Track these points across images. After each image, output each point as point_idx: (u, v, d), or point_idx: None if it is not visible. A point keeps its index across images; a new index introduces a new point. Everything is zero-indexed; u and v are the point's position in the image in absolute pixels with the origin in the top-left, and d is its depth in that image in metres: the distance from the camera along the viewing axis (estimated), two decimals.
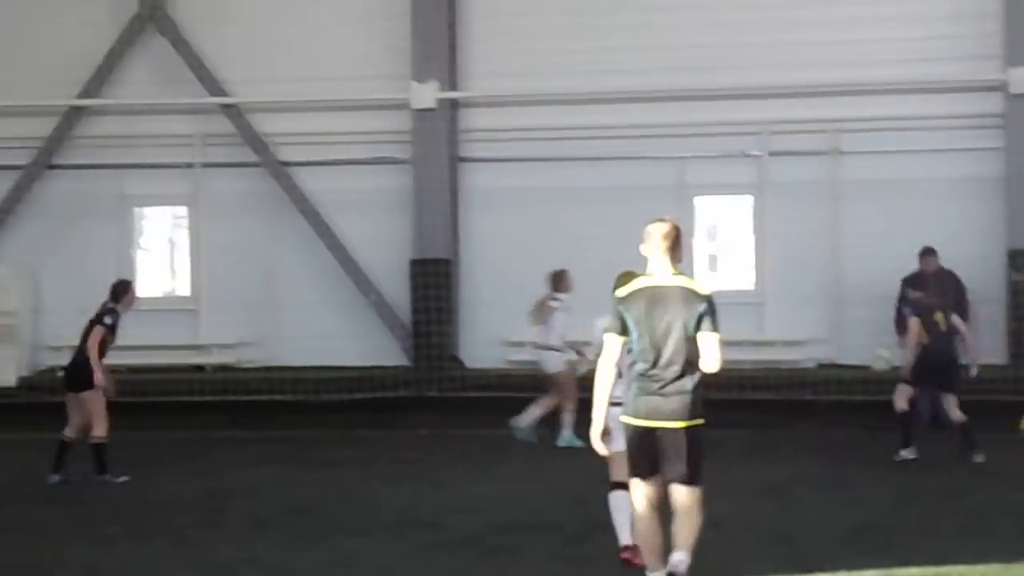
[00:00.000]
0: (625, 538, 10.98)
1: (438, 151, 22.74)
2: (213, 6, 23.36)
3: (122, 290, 16.01)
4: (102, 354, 15.63)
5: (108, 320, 15.70)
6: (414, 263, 22.63)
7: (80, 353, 15.80)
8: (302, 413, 21.05)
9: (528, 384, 19.28)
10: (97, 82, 23.33)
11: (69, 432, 15.74)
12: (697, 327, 9.81)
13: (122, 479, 15.34)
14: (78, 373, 15.70)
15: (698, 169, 22.34)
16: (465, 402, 21.22)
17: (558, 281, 18.54)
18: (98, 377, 15.44)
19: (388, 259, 22.98)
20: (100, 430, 15.49)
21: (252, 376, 22.39)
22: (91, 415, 15.52)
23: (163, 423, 20.40)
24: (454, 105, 22.88)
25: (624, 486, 10.56)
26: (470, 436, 18.97)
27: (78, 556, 11.80)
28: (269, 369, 22.85)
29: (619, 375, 10.11)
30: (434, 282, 22.44)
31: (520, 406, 18.47)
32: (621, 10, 22.52)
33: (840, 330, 21.85)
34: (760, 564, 11.05)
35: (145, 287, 22.86)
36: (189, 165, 23.36)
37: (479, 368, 22.44)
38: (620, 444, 10.35)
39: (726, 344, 9.99)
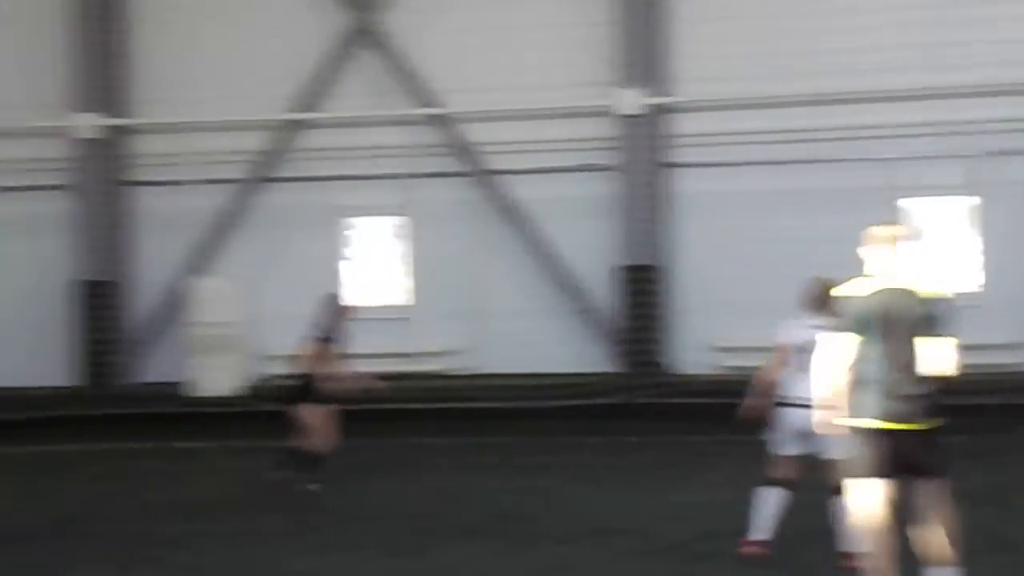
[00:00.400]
0: (758, 532, 11.36)
1: (644, 157, 22.76)
2: (423, 19, 23.69)
3: (334, 303, 15.90)
4: (325, 367, 15.43)
5: (321, 335, 15.59)
6: (621, 269, 22.67)
7: (299, 370, 15.72)
8: (510, 420, 21.20)
9: (738, 390, 19.14)
10: (311, 96, 23.82)
11: (309, 443, 15.58)
12: (931, 330, 9.70)
13: (313, 487, 15.34)
14: (298, 387, 15.68)
15: (907, 170, 21.99)
16: (673, 408, 21.17)
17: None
18: (352, 383, 15.25)
19: (595, 266, 23.05)
20: (315, 443, 15.50)
21: (463, 383, 22.62)
22: (315, 426, 15.48)
23: (373, 430, 20.72)
24: (660, 110, 22.87)
25: (779, 483, 11.13)
26: (678, 443, 18.92)
27: (294, 563, 12.06)
28: (479, 376, 23.07)
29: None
30: (642, 288, 22.45)
31: (731, 412, 18.35)
32: (827, 13, 22.28)
33: None
34: (982, 571, 10.85)
35: (359, 297, 23.26)
36: (401, 176, 23.70)
37: (688, 374, 22.39)
38: (791, 447, 10.67)
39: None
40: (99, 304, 23.62)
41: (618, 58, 22.81)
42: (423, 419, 21.36)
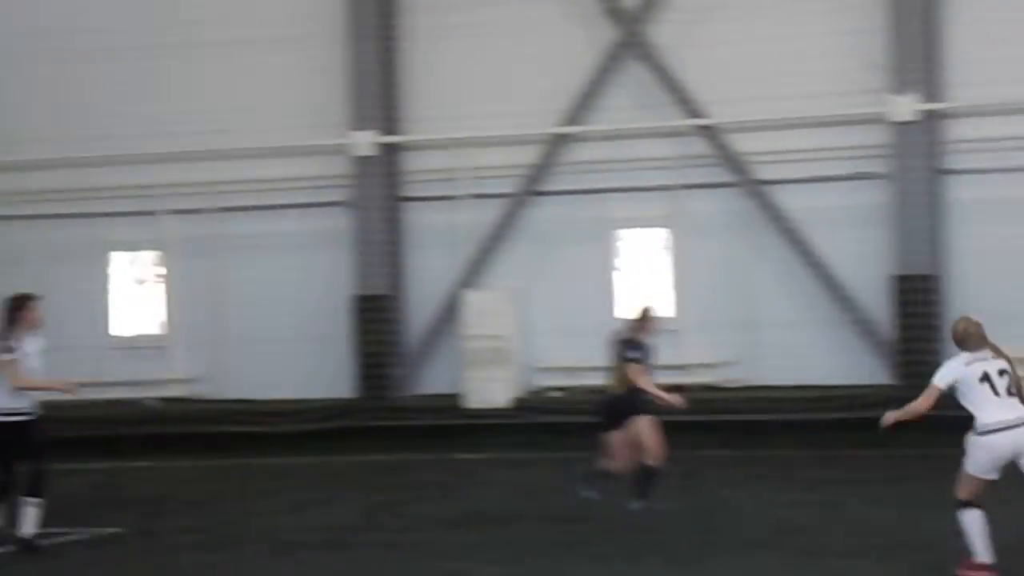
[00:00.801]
0: (983, 555, 11.03)
1: (918, 164, 22.36)
2: (689, 30, 23.65)
3: (639, 317, 15.26)
4: (644, 382, 14.82)
5: (631, 355, 14.88)
6: (895, 279, 22.29)
7: (611, 391, 15.02)
8: (785, 432, 21.00)
9: None
10: (579, 109, 23.98)
11: (634, 462, 14.85)
12: None
13: (590, 495, 14.96)
14: (607, 410, 14.95)
15: None
16: (954, 421, 20.66)
17: None
18: (662, 399, 14.80)
19: (866, 276, 22.71)
20: (651, 456, 14.68)
21: (734, 395, 22.49)
22: (639, 440, 14.76)
23: None
24: (934, 116, 22.43)
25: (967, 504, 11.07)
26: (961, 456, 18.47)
27: (573, 574, 12.15)
28: (750, 388, 22.91)
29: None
30: (917, 298, 22.04)
31: None
32: None
33: None
34: None
35: (625, 309, 23.33)
36: (668, 187, 23.70)
37: None
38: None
39: None
40: (376, 317, 24.13)
41: (889, 64, 22.44)
42: (696, 431, 21.28)
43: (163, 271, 25.65)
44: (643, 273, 24.35)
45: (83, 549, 14.23)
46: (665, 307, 24.04)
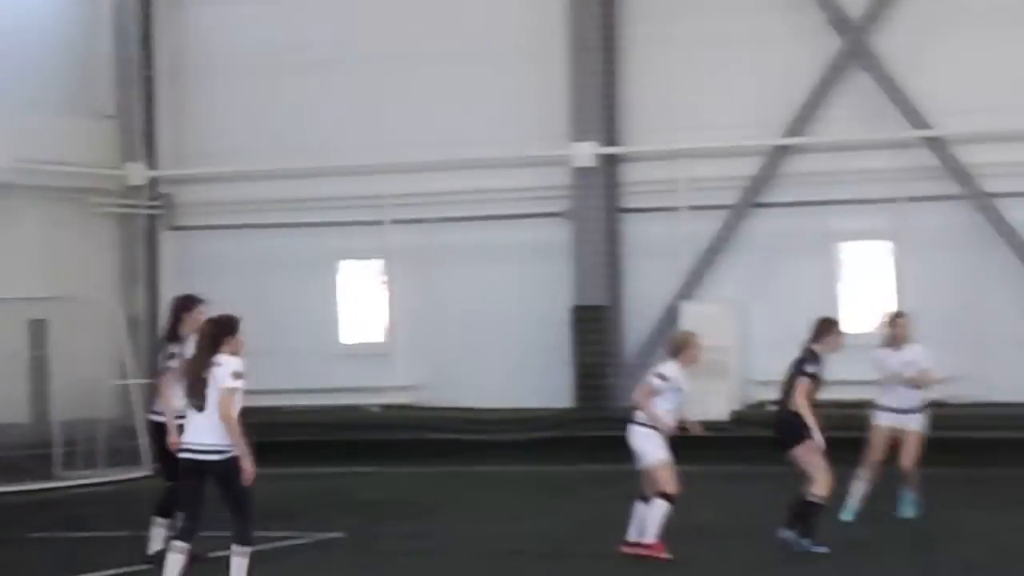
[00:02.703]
0: None
1: None
2: (915, 39, 23.26)
3: (823, 329, 14.65)
4: (813, 403, 14.20)
5: (809, 369, 14.31)
6: None
7: (785, 407, 14.49)
8: (1016, 451, 20.48)
9: None
10: (801, 120, 23.75)
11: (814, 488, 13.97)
12: None
13: (821, 550, 13.63)
14: (785, 427, 14.33)
15: None
16: None
17: None
18: (815, 436, 13.83)
19: None
20: (818, 488, 13.88)
21: (962, 412, 22.02)
22: (808, 469, 13.99)
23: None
24: None
25: None
26: None
27: None
28: (979, 406, 22.39)
29: None
30: None
31: None
32: None
33: None
34: None
35: (852, 324, 23.02)
36: (892, 200, 23.34)
37: None
38: None
39: None
40: (594, 328, 24.19)
41: None
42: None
43: (387, 280, 26.08)
44: (866, 286, 23.97)
45: (303, 553, 14.57)
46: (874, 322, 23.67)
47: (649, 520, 13.47)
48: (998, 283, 22.87)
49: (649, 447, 13.70)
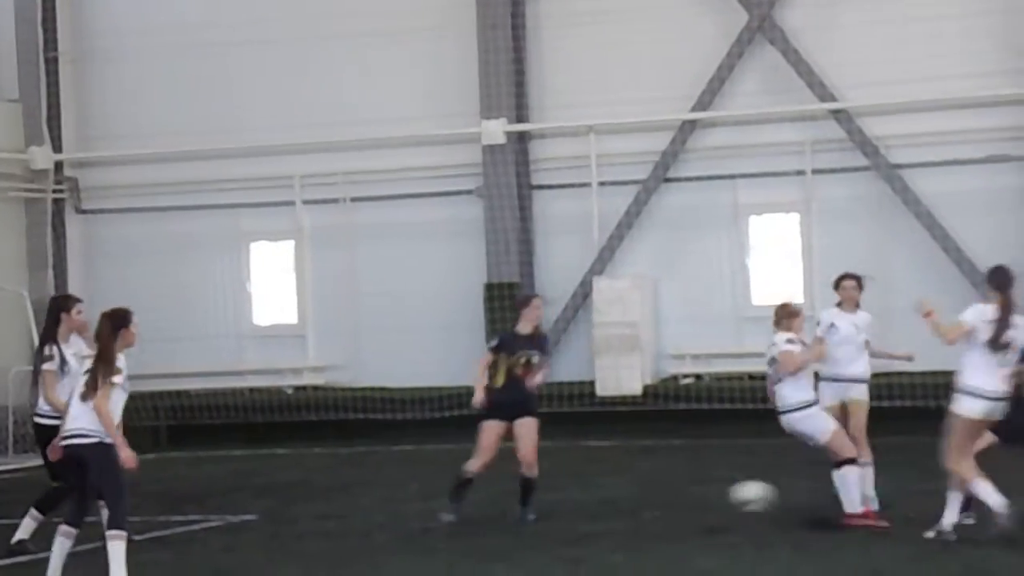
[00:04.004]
0: None
1: None
2: (820, 13, 23.43)
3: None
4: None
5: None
6: None
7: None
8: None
9: None
10: (709, 94, 23.86)
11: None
12: None
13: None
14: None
15: None
16: None
17: None
18: None
19: (1004, 261, 22.29)
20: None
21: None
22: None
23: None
24: None
25: None
26: None
27: (699, 564, 12.12)
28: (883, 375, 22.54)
29: None
30: None
31: None
32: None
33: None
34: None
35: (759, 297, 23.24)
36: (800, 172, 23.51)
37: None
38: None
39: None
40: (507, 306, 24.15)
41: None
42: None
43: (299, 260, 25.95)
44: (775, 259, 24.14)
45: (217, 535, 14.49)
46: (790, 294, 23.86)
47: (845, 492, 13.22)
48: (905, 253, 23.10)
49: (815, 426, 13.42)
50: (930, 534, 12.59)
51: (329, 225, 25.48)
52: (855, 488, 13.35)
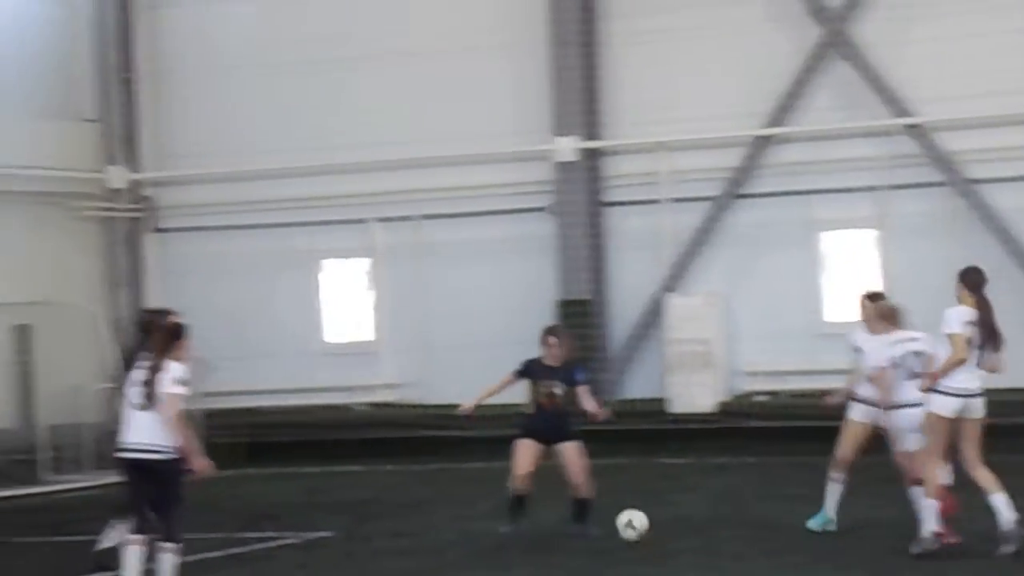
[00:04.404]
0: None
1: None
2: (894, 27, 23.28)
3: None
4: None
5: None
6: None
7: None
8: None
9: None
10: (782, 110, 23.76)
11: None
12: None
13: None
14: None
15: None
16: None
17: None
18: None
19: None
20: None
21: None
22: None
23: None
24: None
25: None
26: None
27: None
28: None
29: None
30: None
31: None
32: None
33: None
34: None
35: (832, 313, 23.09)
36: (874, 188, 23.37)
37: None
38: None
39: None
40: (579, 323, 24.15)
41: None
42: None
43: (372, 278, 26.06)
44: (850, 276, 23.96)
45: (292, 553, 14.56)
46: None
47: (925, 510, 12.79)
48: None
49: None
50: (915, 549, 12.50)
51: (401, 243, 25.56)
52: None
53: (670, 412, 23.41)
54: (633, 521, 13.97)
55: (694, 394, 23.31)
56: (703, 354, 23.32)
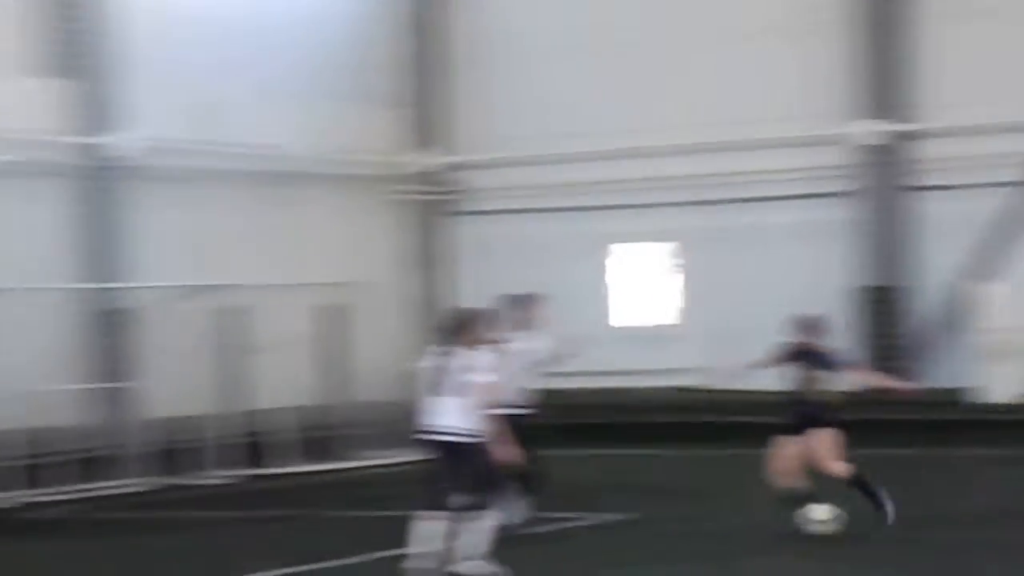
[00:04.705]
0: None
1: None
2: None
3: None
4: None
5: None
6: None
7: None
8: None
9: None
10: None
11: None
12: None
13: None
14: None
15: None
16: None
17: None
18: None
19: None
20: None
21: None
22: None
23: None
24: None
25: None
26: None
27: None
28: None
29: None
30: None
31: None
32: None
33: None
34: None
35: None
36: None
37: None
38: None
39: None
40: (883, 309, 23.81)
41: None
42: None
43: (676, 262, 26.13)
44: None
45: (587, 534, 14.71)
46: None
47: None
48: None
49: None
50: None
51: (702, 227, 25.52)
52: None
53: (980, 401, 22.84)
54: (818, 514, 13.77)
55: (1002, 384, 22.70)
56: (1007, 343, 22.68)
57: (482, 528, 11.84)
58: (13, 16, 21.59)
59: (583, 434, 24.51)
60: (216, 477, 20.83)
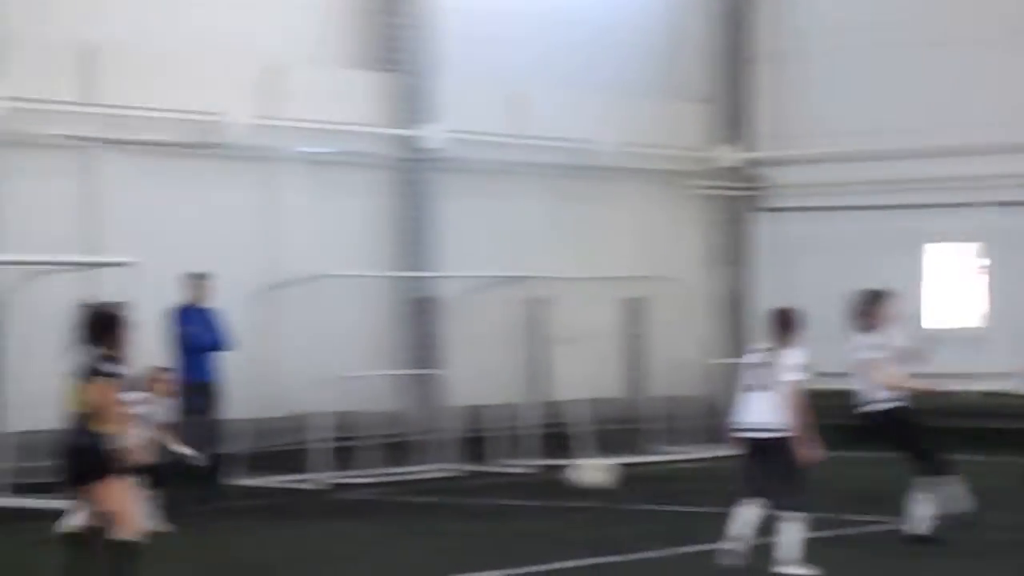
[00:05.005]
0: None
1: None
2: None
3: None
4: None
5: None
6: None
7: None
8: None
9: None
10: None
11: None
12: None
13: None
14: None
15: None
16: None
17: None
18: None
19: None
20: None
21: None
22: None
23: None
24: None
25: None
26: None
27: None
28: None
29: None
30: None
31: None
32: None
33: None
34: None
35: None
36: None
37: None
38: None
39: None
40: None
41: None
42: None
43: (985, 263, 25.44)
44: None
45: (896, 538, 14.42)
46: None
47: None
48: None
49: None
50: None
51: (1010, 228, 24.77)
52: None
53: None
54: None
55: None
56: None
57: (795, 528, 11.89)
58: (336, 11, 22.20)
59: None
60: (518, 465, 21.09)
